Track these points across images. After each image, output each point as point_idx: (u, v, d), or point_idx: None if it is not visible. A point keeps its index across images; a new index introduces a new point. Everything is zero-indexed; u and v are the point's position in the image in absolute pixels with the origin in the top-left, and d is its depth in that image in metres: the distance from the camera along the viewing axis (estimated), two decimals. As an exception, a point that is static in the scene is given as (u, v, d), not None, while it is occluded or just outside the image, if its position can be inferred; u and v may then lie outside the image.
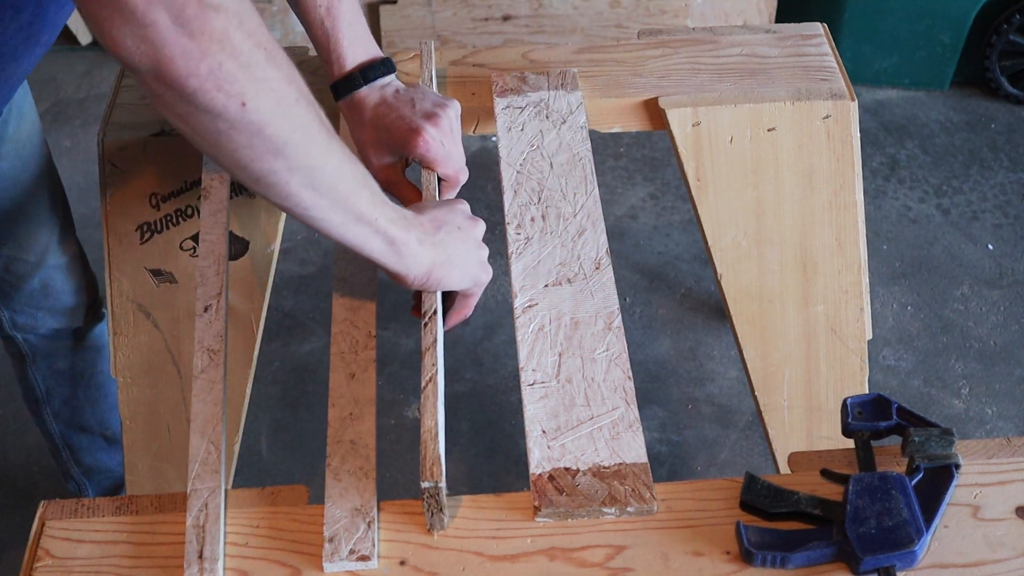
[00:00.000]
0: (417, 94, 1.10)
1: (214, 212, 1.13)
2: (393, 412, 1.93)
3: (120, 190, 1.28)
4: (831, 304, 1.38)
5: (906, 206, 2.33)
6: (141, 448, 1.45)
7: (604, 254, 1.05)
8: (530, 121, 1.20)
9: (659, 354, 2.03)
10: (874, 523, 0.81)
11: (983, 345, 2.03)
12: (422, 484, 0.82)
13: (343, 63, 1.08)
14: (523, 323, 0.99)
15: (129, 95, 1.31)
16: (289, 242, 2.28)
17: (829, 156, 1.29)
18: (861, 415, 0.90)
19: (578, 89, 1.25)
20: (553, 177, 1.13)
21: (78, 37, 2.84)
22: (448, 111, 1.09)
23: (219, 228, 1.12)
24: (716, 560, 0.82)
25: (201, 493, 0.89)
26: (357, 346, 0.99)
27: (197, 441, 0.93)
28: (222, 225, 1.12)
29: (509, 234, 1.08)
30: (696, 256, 2.23)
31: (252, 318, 1.34)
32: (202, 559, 0.84)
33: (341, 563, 0.83)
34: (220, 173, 1.17)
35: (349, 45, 1.08)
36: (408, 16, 2.59)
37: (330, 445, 0.91)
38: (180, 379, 1.39)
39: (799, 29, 1.38)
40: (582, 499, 0.86)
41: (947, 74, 2.59)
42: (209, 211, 1.14)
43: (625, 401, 0.93)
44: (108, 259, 1.32)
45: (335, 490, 0.88)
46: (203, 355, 1.00)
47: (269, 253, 1.31)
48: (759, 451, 1.86)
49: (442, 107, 1.09)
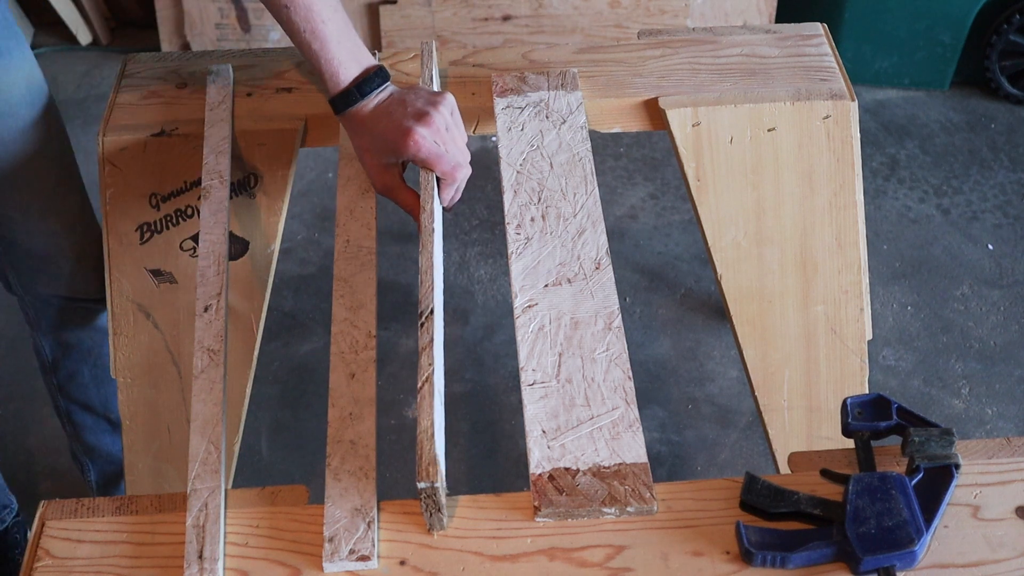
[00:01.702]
0: (410, 95, 1.11)
1: (214, 212, 1.14)
2: (393, 412, 1.93)
3: (120, 190, 1.28)
4: (831, 304, 1.38)
5: (906, 206, 2.33)
6: (141, 448, 1.45)
7: (604, 254, 1.05)
8: (530, 121, 1.20)
9: (659, 354, 2.03)
10: (874, 523, 0.81)
11: (983, 345, 2.03)
12: (418, 485, 0.82)
13: (337, 81, 1.10)
14: (523, 323, 0.99)
15: (129, 95, 1.31)
16: (289, 242, 2.28)
17: (829, 156, 1.29)
18: (861, 415, 0.90)
19: (578, 89, 1.25)
20: (553, 177, 1.13)
21: (78, 37, 2.84)
22: (440, 108, 1.09)
23: (219, 228, 1.12)
24: (716, 560, 0.82)
25: (201, 493, 0.89)
26: (357, 346, 0.99)
27: (197, 441, 0.93)
28: (222, 225, 1.12)
29: (509, 234, 1.08)
30: (696, 256, 2.23)
31: (252, 318, 1.34)
32: (202, 559, 0.84)
33: (341, 563, 0.83)
34: (220, 173, 1.18)
35: (340, 64, 1.10)
36: (408, 16, 2.59)
37: (330, 445, 0.91)
38: (180, 379, 1.39)
39: (799, 29, 1.38)
40: (582, 499, 0.86)
41: (947, 74, 2.59)
42: (209, 211, 1.14)
43: (625, 401, 0.93)
44: (108, 259, 1.32)
45: (335, 490, 0.88)
46: (203, 355, 1.00)
47: (269, 253, 1.31)
48: (759, 451, 1.86)
49: (434, 104, 1.09)
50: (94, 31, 2.86)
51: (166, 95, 1.31)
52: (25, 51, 1.26)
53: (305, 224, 2.34)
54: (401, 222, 2.29)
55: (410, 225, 2.28)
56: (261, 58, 1.35)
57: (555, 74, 1.27)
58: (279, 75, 1.34)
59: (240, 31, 2.65)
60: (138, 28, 2.90)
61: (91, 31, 2.86)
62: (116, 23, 2.93)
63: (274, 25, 2.63)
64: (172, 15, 2.67)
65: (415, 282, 2.17)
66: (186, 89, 1.32)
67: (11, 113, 1.24)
